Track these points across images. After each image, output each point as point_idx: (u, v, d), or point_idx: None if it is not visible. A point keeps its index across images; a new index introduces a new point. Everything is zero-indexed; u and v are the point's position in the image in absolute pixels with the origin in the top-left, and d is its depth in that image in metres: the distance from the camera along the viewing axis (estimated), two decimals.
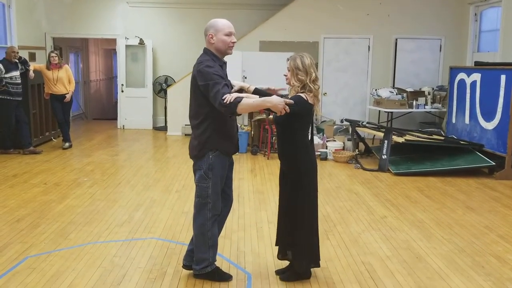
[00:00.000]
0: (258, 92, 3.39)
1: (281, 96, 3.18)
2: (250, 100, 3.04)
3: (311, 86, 3.21)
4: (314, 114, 3.43)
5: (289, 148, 3.31)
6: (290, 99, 3.12)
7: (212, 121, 3.19)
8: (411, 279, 3.53)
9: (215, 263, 3.44)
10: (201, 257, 3.36)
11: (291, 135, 3.28)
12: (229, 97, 2.96)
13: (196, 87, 3.16)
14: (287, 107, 3.00)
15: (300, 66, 3.22)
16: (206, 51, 3.27)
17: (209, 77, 3.06)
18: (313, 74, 3.22)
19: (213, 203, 3.29)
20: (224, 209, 3.45)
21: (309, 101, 3.22)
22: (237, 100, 2.95)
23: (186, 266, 3.54)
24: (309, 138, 3.35)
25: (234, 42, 3.25)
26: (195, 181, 3.32)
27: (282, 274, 3.49)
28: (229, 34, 3.21)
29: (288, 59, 3.31)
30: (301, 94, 3.21)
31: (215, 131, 3.21)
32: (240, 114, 3.15)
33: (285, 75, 3.32)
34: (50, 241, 4.13)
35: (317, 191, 3.44)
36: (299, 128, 3.28)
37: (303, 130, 3.31)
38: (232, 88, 3.30)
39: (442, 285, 3.45)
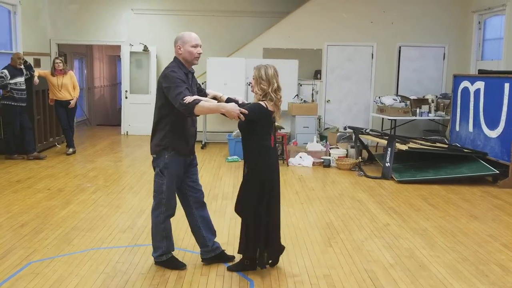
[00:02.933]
0: (229, 100, 3.66)
1: (243, 105, 3.52)
2: (207, 104, 3.34)
3: (272, 95, 3.47)
4: (274, 121, 3.67)
5: (250, 151, 3.58)
6: (249, 106, 3.47)
7: (170, 122, 3.49)
8: (414, 287, 3.52)
9: (172, 252, 3.75)
10: (156, 245, 3.71)
11: (252, 139, 3.56)
12: (188, 98, 3.26)
13: (160, 90, 3.47)
14: (241, 115, 3.31)
15: (263, 76, 3.48)
16: (175, 59, 3.59)
17: (172, 80, 3.37)
18: (275, 84, 3.49)
19: (167, 199, 3.61)
20: (196, 203, 3.79)
21: (269, 108, 3.48)
22: (195, 102, 3.26)
23: (205, 260, 3.84)
24: (270, 142, 3.60)
25: (199, 53, 3.54)
26: (154, 177, 3.64)
27: (229, 265, 3.76)
28: (195, 46, 3.51)
29: (254, 68, 3.58)
30: (260, 102, 3.49)
31: (171, 131, 3.50)
32: (198, 115, 3.46)
33: (249, 84, 3.64)
34: (53, 246, 4.13)
35: (279, 194, 3.69)
36: (259, 133, 3.55)
37: (263, 134, 3.56)
38: (194, 94, 3.53)
39: None
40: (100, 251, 4.07)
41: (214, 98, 3.68)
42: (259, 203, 3.55)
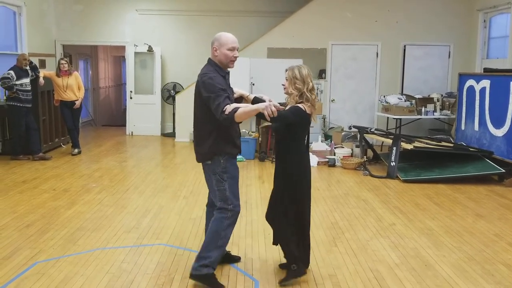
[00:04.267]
0: (256, 100, 3.57)
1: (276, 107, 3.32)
2: (245, 109, 3.20)
3: (308, 95, 3.40)
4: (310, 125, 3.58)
5: (285, 155, 3.49)
6: (289, 108, 3.37)
7: (215, 129, 3.34)
8: (420, 287, 3.50)
9: (214, 271, 3.45)
10: (204, 255, 3.41)
11: (288, 143, 3.48)
12: (229, 108, 3.14)
13: (200, 96, 3.32)
14: (274, 108, 3.14)
15: (297, 76, 3.42)
16: (210, 61, 3.44)
17: (212, 89, 3.22)
18: (310, 84, 3.42)
19: (233, 206, 3.43)
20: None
21: (307, 111, 3.40)
22: (234, 110, 3.14)
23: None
24: (305, 146, 3.53)
25: (236, 57, 3.40)
26: (215, 187, 3.44)
27: (281, 281, 3.53)
28: (232, 49, 3.37)
29: (286, 70, 3.50)
30: (299, 105, 3.40)
31: (218, 137, 3.37)
32: (241, 122, 3.30)
33: (283, 85, 3.52)
34: (59, 246, 4.15)
35: (309, 198, 3.58)
36: (296, 137, 3.48)
37: (300, 139, 3.50)
38: (233, 98, 3.46)
39: None
40: (105, 251, 4.07)
41: (240, 97, 3.62)
42: (297, 209, 3.50)
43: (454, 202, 5.77)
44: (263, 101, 3.49)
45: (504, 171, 6.62)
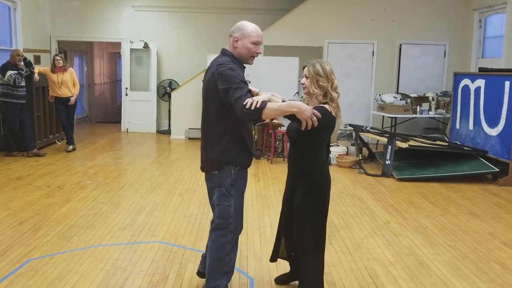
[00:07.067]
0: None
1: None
2: (275, 105, 2.73)
3: (333, 94, 2.93)
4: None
5: (305, 164, 3.00)
6: (315, 108, 2.82)
7: (229, 130, 2.89)
8: (414, 285, 3.51)
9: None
10: (212, 285, 3.00)
11: (309, 150, 2.98)
12: (253, 103, 2.64)
13: (214, 91, 2.83)
14: (314, 117, 2.71)
15: (321, 72, 2.93)
16: (225, 52, 2.95)
17: (231, 80, 2.74)
18: (335, 81, 2.96)
19: (236, 224, 2.97)
20: None
21: (333, 113, 2.93)
22: (262, 106, 2.65)
23: (201, 274, 3.31)
24: (324, 154, 3.06)
25: (258, 53, 2.95)
26: (215, 200, 2.98)
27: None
28: (256, 43, 2.91)
29: (305, 66, 3.02)
30: (325, 106, 2.90)
31: (232, 142, 2.90)
32: (264, 120, 2.85)
33: (302, 84, 3.04)
34: (53, 243, 4.13)
35: (327, 211, 3.13)
36: (318, 144, 2.99)
37: (320, 145, 3.01)
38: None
39: None
40: (99, 248, 4.06)
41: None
42: (322, 227, 3.02)
43: (448, 201, 5.79)
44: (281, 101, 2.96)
45: (498, 170, 6.66)
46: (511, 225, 4.93)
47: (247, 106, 2.64)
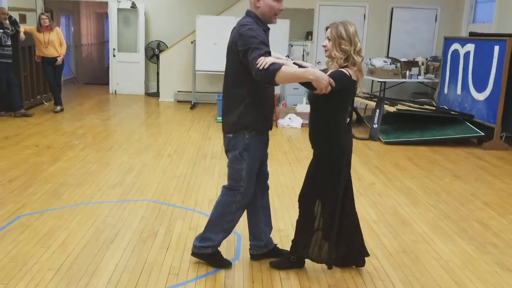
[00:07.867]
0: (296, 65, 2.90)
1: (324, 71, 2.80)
2: (290, 69, 2.67)
3: (355, 58, 2.80)
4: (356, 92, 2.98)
5: (324, 131, 2.91)
6: (331, 74, 2.74)
7: (248, 94, 2.87)
8: (395, 242, 3.63)
9: (219, 248, 3.16)
10: (207, 236, 3.09)
11: (328, 116, 2.88)
12: (263, 61, 2.59)
13: (235, 53, 2.81)
14: (329, 86, 2.65)
15: (343, 35, 2.81)
16: (249, 13, 2.92)
17: (250, 41, 2.71)
18: (358, 44, 2.84)
19: (246, 188, 2.99)
20: (260, 188, 3.18)
21: (353, 77, 2.81)
22: (275, 67, 2.59)
23: (253, 256, 3.30)
24: (347, 120, 2.95)
25: (281, 10, 2.89)
26: (228, 162, 3.02)
27: (273, 261, 3.22)
28: (278, 0, 2.85)
29: (327, 27, 2.89)
30: (343, 70, 2.80)
31: (250, 105, 2.88)
32: (278, 84, 2.79)
33: (323, 46, 2.93)
34: (42, 201, 4.17)
35: (351, 182, 3.06)
36: (338, 108, 2.88)
37: (342, 111, 2.90)
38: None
39: (426, 248, 3.55)
40: (89, 206, 4.11)
41: None
42: (333, 192, 2.95)
43: (433, 163, 5.90)
44: (304, 68, 2.85)
45: (483, 134, 6.76)
46: (494, 187, 5.06)
47: (258, 66, 2.60)
